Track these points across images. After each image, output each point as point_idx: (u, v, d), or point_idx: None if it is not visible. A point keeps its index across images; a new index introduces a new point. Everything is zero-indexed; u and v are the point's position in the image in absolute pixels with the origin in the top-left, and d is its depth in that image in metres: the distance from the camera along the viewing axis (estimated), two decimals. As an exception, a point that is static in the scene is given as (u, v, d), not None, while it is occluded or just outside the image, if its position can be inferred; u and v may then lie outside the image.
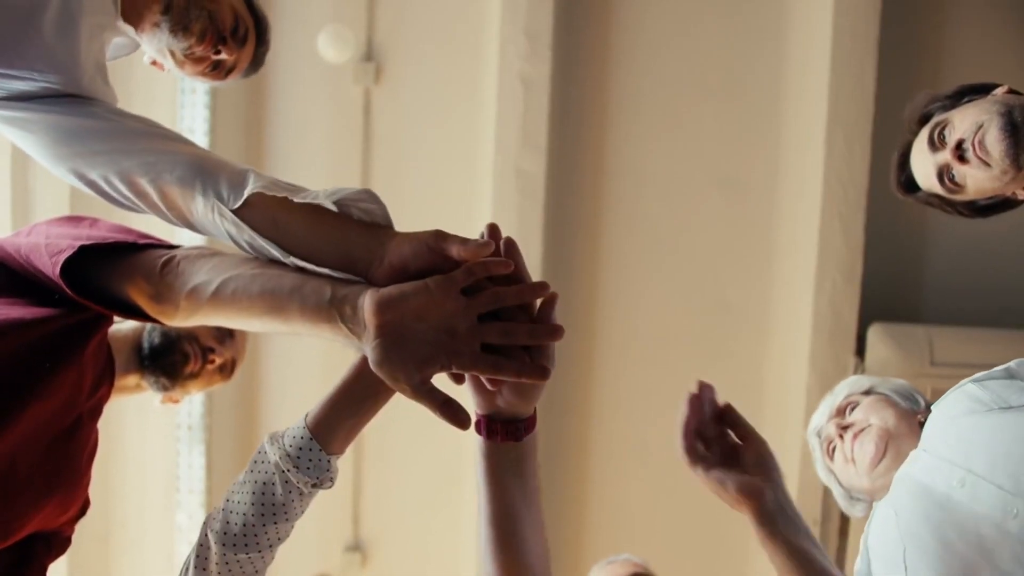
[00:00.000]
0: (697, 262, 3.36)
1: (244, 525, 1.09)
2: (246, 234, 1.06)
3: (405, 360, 0.96)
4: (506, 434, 1.05)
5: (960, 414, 1.25)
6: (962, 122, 1.66)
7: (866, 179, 3.10)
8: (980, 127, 1.64)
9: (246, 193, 1.05)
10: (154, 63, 1.70)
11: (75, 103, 1.21)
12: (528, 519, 1.09)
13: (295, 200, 1.05)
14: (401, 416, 1.46)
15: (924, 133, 1.71)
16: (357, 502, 3.52)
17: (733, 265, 3.33)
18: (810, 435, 1.70)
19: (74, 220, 1.29)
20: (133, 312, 1.17)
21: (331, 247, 1.04)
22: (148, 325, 1.69)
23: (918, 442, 1.48)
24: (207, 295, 1.08)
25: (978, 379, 1.29)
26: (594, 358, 3.41)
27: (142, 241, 1.18)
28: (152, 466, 3.40)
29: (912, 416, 1.55)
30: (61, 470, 1.26)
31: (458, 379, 1.02)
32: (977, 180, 1.67)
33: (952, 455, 1.19)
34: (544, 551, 1.12)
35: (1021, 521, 1.10)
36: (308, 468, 1.08)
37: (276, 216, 1.06)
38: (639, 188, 3.33)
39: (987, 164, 1.64)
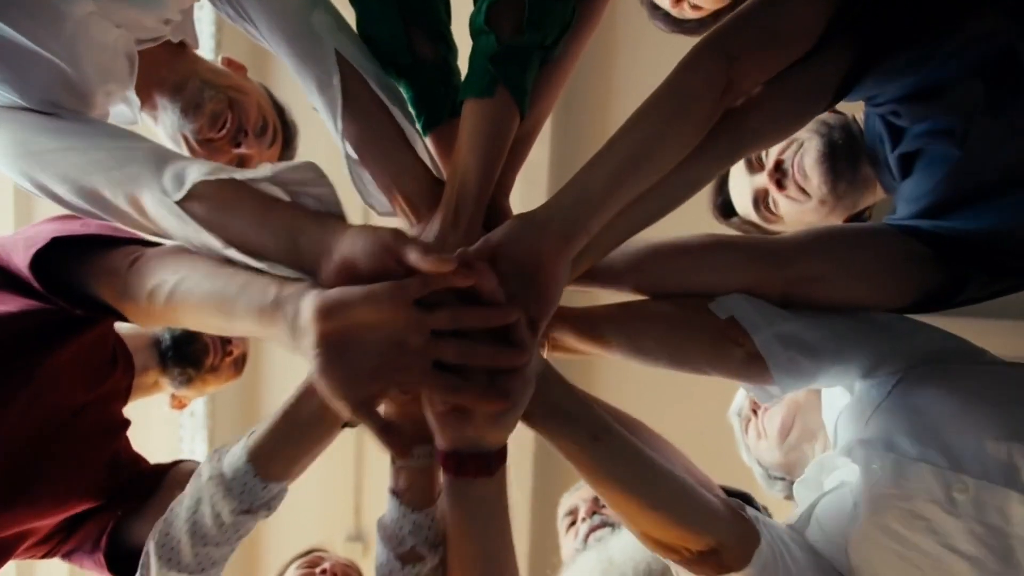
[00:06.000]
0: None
1: (178, 541, 0.99)
2: (191, 227, 0.99)
3: (347, 373, 0.85)
4: (477, 469, 0.93)
5: (866, 405, 1.17)
6: None
7: (868, 171, 3.09)
8: (800, 146, 1.48)
9: (188, 183, 0.98)
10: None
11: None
12: (506, 559, 1.01)
13: (237, 178, 0.97)
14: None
15: None
16: (359, 492, 3.53)
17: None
18: (731, 415, 1.68)
19: (67, 219, 1.23)
20: (107, 310, 1.12)
21: (278, 237, 0.95)
22: None
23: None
24: (163, 296, 1.01)
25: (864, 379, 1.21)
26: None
27: (118, 235, 1.11)
28: (155, 454, 3.39)
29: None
30: (57, 456, 1.25)
31: (405, 394, 0.91)
32: (792, 211, 1.51)
33: (873, 445, 1.11)
34: None
35: (971, 497, 1.00)
36: (241, 493, 0.96)
37: (222, 206, 0.98)
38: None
39: (805, 193, 1.48)
